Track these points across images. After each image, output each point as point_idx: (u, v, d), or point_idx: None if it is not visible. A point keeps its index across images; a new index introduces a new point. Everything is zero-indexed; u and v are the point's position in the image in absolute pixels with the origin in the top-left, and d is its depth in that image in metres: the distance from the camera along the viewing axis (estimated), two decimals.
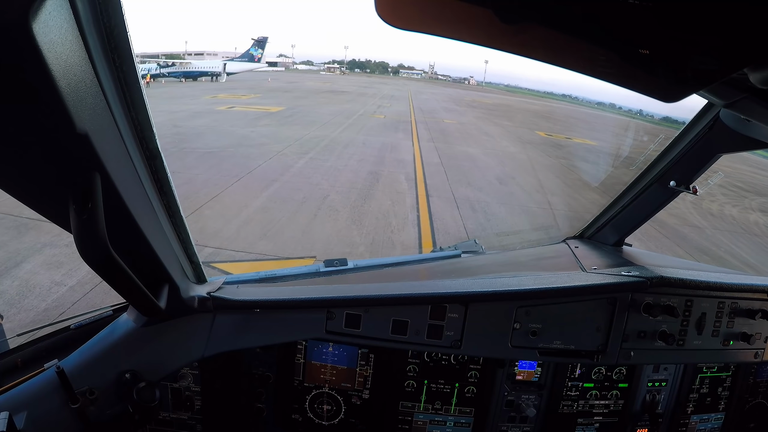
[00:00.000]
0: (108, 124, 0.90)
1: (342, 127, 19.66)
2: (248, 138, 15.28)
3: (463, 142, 18.80)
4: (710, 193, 13.13)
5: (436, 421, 1.85)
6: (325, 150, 14.42)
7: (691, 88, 0.66)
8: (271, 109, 24.26)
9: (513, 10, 0.58)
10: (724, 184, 14.46)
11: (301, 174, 11.14)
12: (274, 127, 18.05)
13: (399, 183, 11.18)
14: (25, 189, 0.90)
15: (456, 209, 9.41)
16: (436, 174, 12.49)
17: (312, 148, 14.53)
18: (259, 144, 14.39)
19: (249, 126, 17.94)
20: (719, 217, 11.56)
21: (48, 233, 6.24)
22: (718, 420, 2.02)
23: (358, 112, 26.93)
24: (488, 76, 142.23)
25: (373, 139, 17.44)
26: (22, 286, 5.05)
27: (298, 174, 11.11)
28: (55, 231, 6.23)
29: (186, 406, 1.70)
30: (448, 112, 33.03)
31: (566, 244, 2.42)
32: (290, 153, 13.51)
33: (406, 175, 12.09)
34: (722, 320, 1.84)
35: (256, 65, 58.31)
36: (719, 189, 13.84)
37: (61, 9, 0.67)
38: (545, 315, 1.75)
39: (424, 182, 11.44)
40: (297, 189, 9.76)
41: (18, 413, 1.25)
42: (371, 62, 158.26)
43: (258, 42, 58.17)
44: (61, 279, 5.25)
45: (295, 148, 14.20)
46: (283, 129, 17.81)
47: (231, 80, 47.46)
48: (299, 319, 1.72)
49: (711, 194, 13.14)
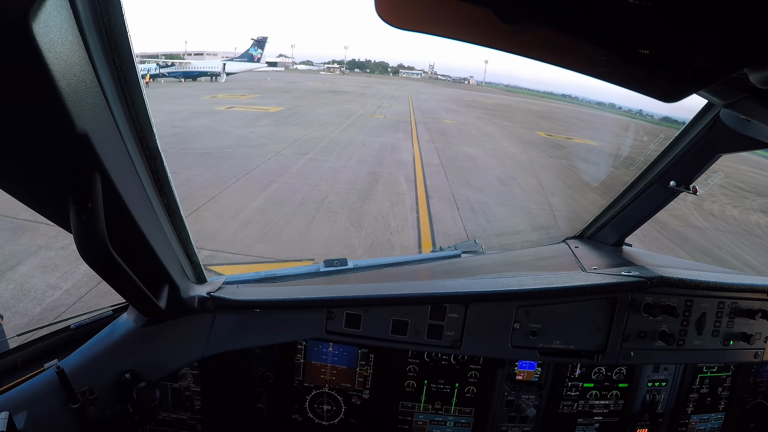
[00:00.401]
0: (108, 123, 0.90)
1: (341, 128, 19.53)
2: (247, 138, 15.19)
3: (463, 143, 18.67)
4: (711, 194, 13.08)
5: (436, 421, 1.85)
6: (325, 151, 14.28)
7: (691, 88, 0.66)
8: (270, 110, 24.17)
9: (513, 10, 0.58)
10: (725, 184, 14.40)
11: (300, 175, 11.10)
12: (272, 128, 17.93)
13: (398, 184, 11.09)
14: (25, 189, 0.90)
15: (456, 210, 9.37)
16: (435, 175, 12.42)
17: (311, 148, 14.39)
18: (258, 145, 14.30)
19: (248, 126, 17.78)
20: (721, 218, 11.52)
21: (44, 235, 6.22)
22: (718, 420, 2.02)
23: (357, 112, 26.79)
24: (488, 76, 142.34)
25: (372, 139, 17.32)
26: (17, 289, 5.04)
27: (296, 175, 11.06)
28: (51, 233, 6.23)
29: (186, 406, 1.70)
30: (448, 113, 32.85)
31: (566, 244, 2.42)
32: (289, 154, 13.38)
33: (405, 176, 11.96)
34: (722, 320, 1.84)
35: (255, 65, 58.14)
36: (720, 189, 13.79)
37: (61, 9, 0.67)
38: (545, 315, 1.75)
39: (424, 183, 11.37)
40: (295, 190, 9.68)
41: (18, 413, 1.25)
42: (371, 62, 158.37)
43: (257, 42, 58.03)
44: (56, 282, 5.24)
45: (294, 149, 14.09)
46: (282, 129, 17.69)
47: (230, 80, 47.30)
48: (299, 319, 1.72)
49: (712, 194, 13.09)
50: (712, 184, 2.06)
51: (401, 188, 10.75)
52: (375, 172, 12.06)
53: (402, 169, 12.85)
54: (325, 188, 10.12)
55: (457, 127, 24.23)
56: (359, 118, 24.10)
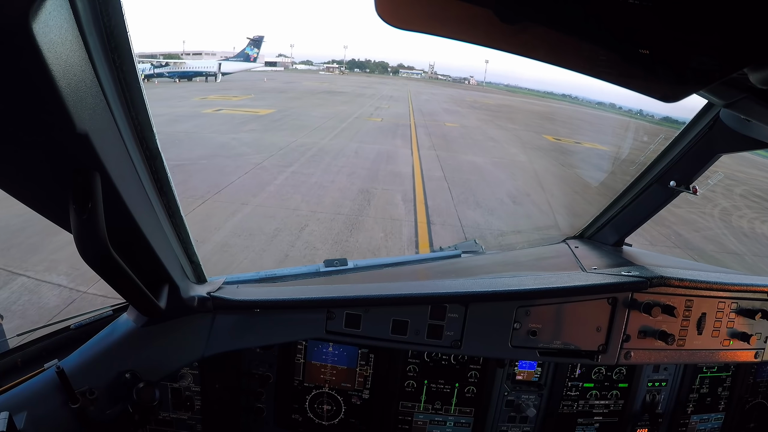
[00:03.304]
0: (108, 124, 0.90)
1: (334, 133, 17.93)
2: (227, 147, 13.65)
3: (467, 149, 17.03)
4: (736, 206, 12.02)
5: (436, 421, 1.85)
6: (311, 162, 12.62)
7: (691, 88, 0.66)
8: (260, 112, 22.60)
9: (513, 10, 0.59)
10: (745, 193, 13.50)
11: (279, 194, 9.45)
12: (258, 133, 16.26)
13: (394, 206, 9.34)
14: (25, 189, 0.90)
15: (464, 240, 7.57)
16: (438, 192, 10.73)
17: (296, 159, 12.77)
18: (237, 155, 12.77)
19: (231, 132, 16.11)
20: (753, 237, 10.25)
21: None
22: (718, 420, 2.02)
23: (353, 114, 25.15)
24: (488, 76, 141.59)
25: (367, 147, 15.59)
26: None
27: (274, 195, 9.43)
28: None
29: (186, 406, 1.70)
30: (450, 114, 31.37)
31: (566, 244, 2.42)
32: (270, 166, 11.66)
33: (403, 194, 10.20)
34: (722, 320, 1.84)
35: (252, 65, 56.93)
36: (743, 200, 12.78)
37: (61, 9, 0.67)
38: (545, 315, 1.75)
39: (425, 203, 9.69)
40: (270, 216, 8.04)
41: (18, 413, 1.25)
42: (371, 62, 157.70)
43: (254, 41, 56.67)
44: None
45: (277, 160, 12.46)
46: (269, 135, 16.04)
47: (226, 80, 46.03)
48: (299, 319, 1.72)
49: (737, 207, 12.02)
50: (712, 184, 2.06)
51: (398, 211, 9.04)
52: (367, 189, 10.32)
53: (399, 184, 11.08)
54: (306, 212, 8.47)
55: (459, 130, 22.65)
56: (354, 121, 22.50)
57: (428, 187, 11.08)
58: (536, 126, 29.11)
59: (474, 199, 10.51)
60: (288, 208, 8.70)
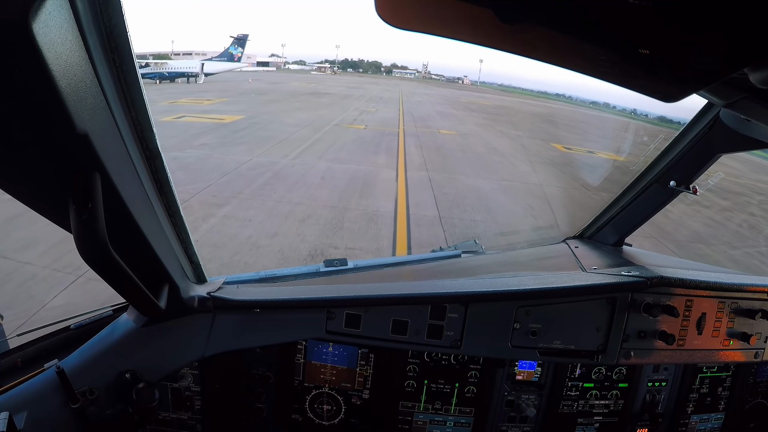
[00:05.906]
0: (108, 124, 0.90)
1: (303, 147, 14.58)
2: None
3: (468, 168, 13.49)
4: (752, 214, 11.19)
5: (436, 421, 1.85)
6: (257, 195, 9.11)
7: (691, 88, 0.66)
8: (226, 119, 19.32)
9: (513, 10, 0.59)
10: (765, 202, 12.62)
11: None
12: (209, 150, 13.08)
13: None
14: (25, 189, 0.90)
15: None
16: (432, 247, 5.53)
17: (239, 191, 9.22)
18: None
19: (178, 148, 12.65)
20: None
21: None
22: (718, 420, 2.02)
23: (333, 120, 21.51)
24: (482, 75, 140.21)
25: (339, 168, 11.97)
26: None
27: None
28: None
29: (186, 406, 1.70)
30: (445, 119, 27.96)
31: (566, 244, 2.42)
32: (197, 205, 8.13)
33: (377, 254, 6.83)
34: (722, 320, 1.84)
35: (236, 65, 54.52)
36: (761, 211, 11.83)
37: (61, 9, 0.67)
38: (545, 315, 1.75)
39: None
40: None
41: (18, 413, 1.25)
42: (364, 62, 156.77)
43: (238, 40, 54.01)
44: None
45: (212, 193, 8.96)
46: (221, 152, 12.85)
47: (209, 81, 43.57)
48: (299, 319, 1.72)
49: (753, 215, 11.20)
50: (711, 184, 2.06)
51: None
52: (323, 249, 6.73)
53: (373, 236, 7.47)
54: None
55: (457, 140, 19.21)
56: (332, 129, 19.02)
57: (415, 239, 7.50)
58: (540, 131, 25.98)
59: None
60: None
